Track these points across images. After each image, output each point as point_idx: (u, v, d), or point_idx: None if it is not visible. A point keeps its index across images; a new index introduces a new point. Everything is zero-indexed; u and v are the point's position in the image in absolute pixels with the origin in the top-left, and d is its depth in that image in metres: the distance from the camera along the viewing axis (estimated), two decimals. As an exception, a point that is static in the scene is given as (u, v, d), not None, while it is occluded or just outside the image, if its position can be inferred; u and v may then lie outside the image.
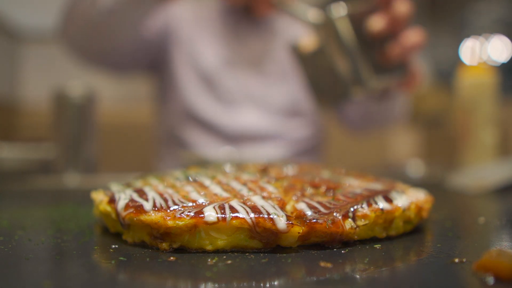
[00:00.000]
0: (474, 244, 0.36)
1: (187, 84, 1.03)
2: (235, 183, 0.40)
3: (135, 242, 0.35)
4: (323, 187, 0.39)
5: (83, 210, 0.49)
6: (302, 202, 0.36)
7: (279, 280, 0.26)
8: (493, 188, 0.65)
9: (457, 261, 0.29)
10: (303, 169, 0.48)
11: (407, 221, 0.38)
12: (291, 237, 0.32)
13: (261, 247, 0.33)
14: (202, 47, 1.05)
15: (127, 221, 0.34)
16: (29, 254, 0.32)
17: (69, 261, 0.30)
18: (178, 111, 1.05)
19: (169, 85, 1.07)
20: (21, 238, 0.36)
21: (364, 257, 0.31)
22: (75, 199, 0.59)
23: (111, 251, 0.33)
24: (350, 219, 0.34)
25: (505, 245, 0.35)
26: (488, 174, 0.72)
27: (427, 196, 0.41)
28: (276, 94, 1.05)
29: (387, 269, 0.29)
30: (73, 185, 0.79)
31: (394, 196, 0.38)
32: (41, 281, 0.26)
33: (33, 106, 2.22)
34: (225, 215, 0.32)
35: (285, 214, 0.33)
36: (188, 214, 0.32)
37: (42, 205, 0.55)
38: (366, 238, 0.35)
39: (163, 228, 0.32)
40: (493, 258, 0.26)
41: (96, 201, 0.39)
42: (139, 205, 0.34)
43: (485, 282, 0.25)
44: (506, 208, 0.57)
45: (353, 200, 0.37)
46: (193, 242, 0.32)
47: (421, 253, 0.33)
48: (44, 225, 0.43)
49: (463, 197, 0.63)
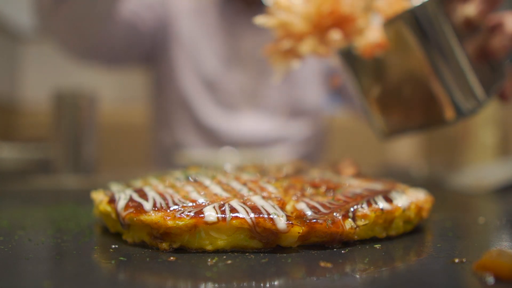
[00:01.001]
0: (474, 244, 0.36)
1: (186, 84, 1.03)
2: (235, 183, 0.40)
3: (135, 242, 0.34)
4: (323, 187, 0.39)
5: (83, 210, 0.49)
6: (302, 202, 0.36)
7: (279, 280, 0.26)
8: (493, 188, 0.65)
9: (457, 261, 0.29)
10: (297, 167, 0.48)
11: (407, 221, 0.38)
12: (291, 237, 0.32)
13: (261, 247, 0.33)
14: (202, 45, 1.04)
15: (127, 221, 0.34)
16: (29, 254, 0.32)
17: (69, 261, 0.30)
18: (174, 106, 1.04)
19: (166, 79, 1.06)
20: (21, 238, 0.36)
21: (364, 257, 0.31)
22: (75, 199, 0.59)
23: (111, 251, 0.33)
24: (350, 219, 0.34)
25: (505, 245, 0.35)
26: (488, 174, 0.72)
27: (427, 196, 0.41)
28: (276, 94, 1.05)
29: (387, 269, 0.29)
30: (73, 185, 0.79)
31: (394, 196, 0.38)
32: (41, 281, 0.26)
33: (33, 106, 2.22)
34: (225, 215, 0.32)
35: (285, 214, 0.33)
36: (188, 214, 0.32)
37: (42, 205, 0.55)
38: (366, 238, 0.35)
39: (163, 228, 0.32)
40: (493, 258, 0.26)
41: (96, 201, 0.39)
42: (139, 205, 0.34)
43: (485, 282, 0.25)
44: (506, 208, 0.57)
45: (353, 200, 0.37)
46: (193, 242, 0.32)
47: (421, 253, 0.33)
48: (44, 225, 0.43)
49: (463, 197, 0.63)
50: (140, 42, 1.00)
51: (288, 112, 1.05)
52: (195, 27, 1.04)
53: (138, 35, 0.97)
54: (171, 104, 1.06)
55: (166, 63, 1.05)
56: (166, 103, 1.07)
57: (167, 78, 1.06)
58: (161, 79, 1.08)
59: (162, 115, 1.10)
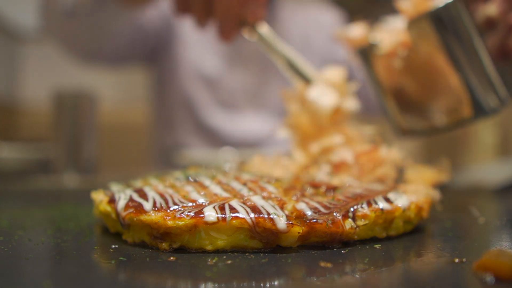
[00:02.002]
0: (474, 244, 0.36)
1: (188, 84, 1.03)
2: (235, 183, 0.40)
3: (135, 242, 0.34)
4: (323, 187, 0.39)
5: (83, 210, 0.49)
6: (302, 202, 0.36)
7: (279, 280, 0.26)
8: (493, 188, 0.65)
9: (457, 261, 0.29)
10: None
11: (407, 221, 0.38)
12: (291, 237, 0.32)
13: (261, 247, 0.33)
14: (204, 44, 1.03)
15: (127, 221, 0.34)
16: (29, 254, 0.32)
17: (69, 261, 0.30)
18: (175, 106, 1.04)
19: (168, 79, 1.05)
20: (21, 238, 0.36)
21: (364, 257, 0.31)
22: (75, 199, 0.59)
23: (111, 251, 0.33)
24: (350, 219, 0.34)
25: (505, 245, 0.35)
26: (488, 174, 0.72)
27: (427, 196, 0.41)
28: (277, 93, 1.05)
29: (387, 269, 0.29)
30: (73, 185, 0.79)
31: (394, 196, 0.38)
32: (41, 281, 0.26)
33: (33, 106, 2.21)
34: (225, 215, 0.32)
35: (285, 214, 0.33)
36: (188, 214, 0.32)
37: (42, 205, 0.55)
38: (366, 238, 0.35)
39: (163, 228, 0.32)
40: (493, 258, 0.26)
41: (96, 201, 0.39)
42: (139, 205, 0.34)
43: (485, 282, 0.25)
44: (506, 208, 0.57)
45: (353, 200, 0.37)
46: (193, 242, 0.32)
47: (421, 253, 0.33)
48: (44, 225, 0.43)
49: (463, 197, 0.63)
50: (144, 40, 0.99)
51: None
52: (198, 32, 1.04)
53: (143, 33, 0.96)
54: (172, 103, 1.06)
55: (168, 62, 1.05)
56: (167, 102, 1.07)
57: (168, 78, 1.05)
58: (163, 78, 1.08)
59: (163, 115, 1.09)
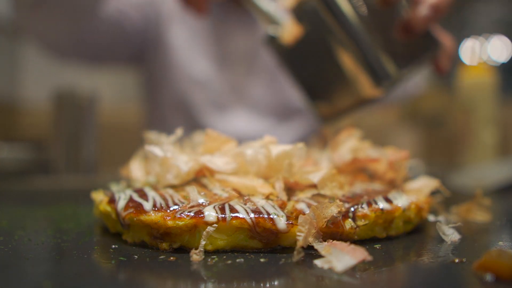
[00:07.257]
0: (474, 244, 0.36)
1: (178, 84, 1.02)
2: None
3: (135, 242, 0.34)
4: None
5: (83, 210, 0.49)
6: (302, 202, 0.36)
7: (279, 280, 0.26)
8: (493, 188, 0.65)
9: (457, 261, 0.29)
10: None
11: (407, 221, 0.38)
12: (291, 237, 0.32)
13: (261, 247, 0.33)
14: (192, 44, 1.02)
15: (127, 221, 0.34)
16: (29, 254, 0.32)
17: (69, 261, 0.30)
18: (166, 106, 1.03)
19: (157, 79, 1.04)
20: (21, 238, 0.36)
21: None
22: (75, 199, 0.59)
23: (111, 251, 0.33)
24: (350, 219, 0.34)
25: (505, 245, 0.35)
26: (488, 174, 0.72)
27: (427, 196, 0.41)
28: (265, 93, 1.04)
29: (387, 269, 0.29)
30: (73, 185, 0.79)
31: (394, 196, 0.38)
32: (41, 281, 0.26)
33: (33, 106, 2.21)
34: (225, 215, 0.32)
35: (285, 214, 0.33)
36: (188, 214, 0.32)
37: (42, 205, 0.55)
38: (366, 238, 0.35)
39: (163, 228, 0.32)
40: (493, 258, 0.26)
41: (96, 201, 0.39)
42: (139, 205, 0.34)
43: (485, 282, 0.25)
44: (506, 208, 0.57)
45: (353, 200, 0.37)
46: (193, 242, 0.32)
47: (421, 253, 0.33)
48: (44, 225, 0.43)
49: (463, 197, 0.63)
50: (126, 42, 0.97)
51: (279, 113, 1.04)
52: (185, 28, 1.03)
53: (124, 34, 0.94)
54: (163, 104, 1.05)
55: (157, 65, 1.04)
56: (158, 103, 1.07)
57: (158, 79, 1.05)
58: (153, 80, 1.07)
59: (156, 116, 1.09)
